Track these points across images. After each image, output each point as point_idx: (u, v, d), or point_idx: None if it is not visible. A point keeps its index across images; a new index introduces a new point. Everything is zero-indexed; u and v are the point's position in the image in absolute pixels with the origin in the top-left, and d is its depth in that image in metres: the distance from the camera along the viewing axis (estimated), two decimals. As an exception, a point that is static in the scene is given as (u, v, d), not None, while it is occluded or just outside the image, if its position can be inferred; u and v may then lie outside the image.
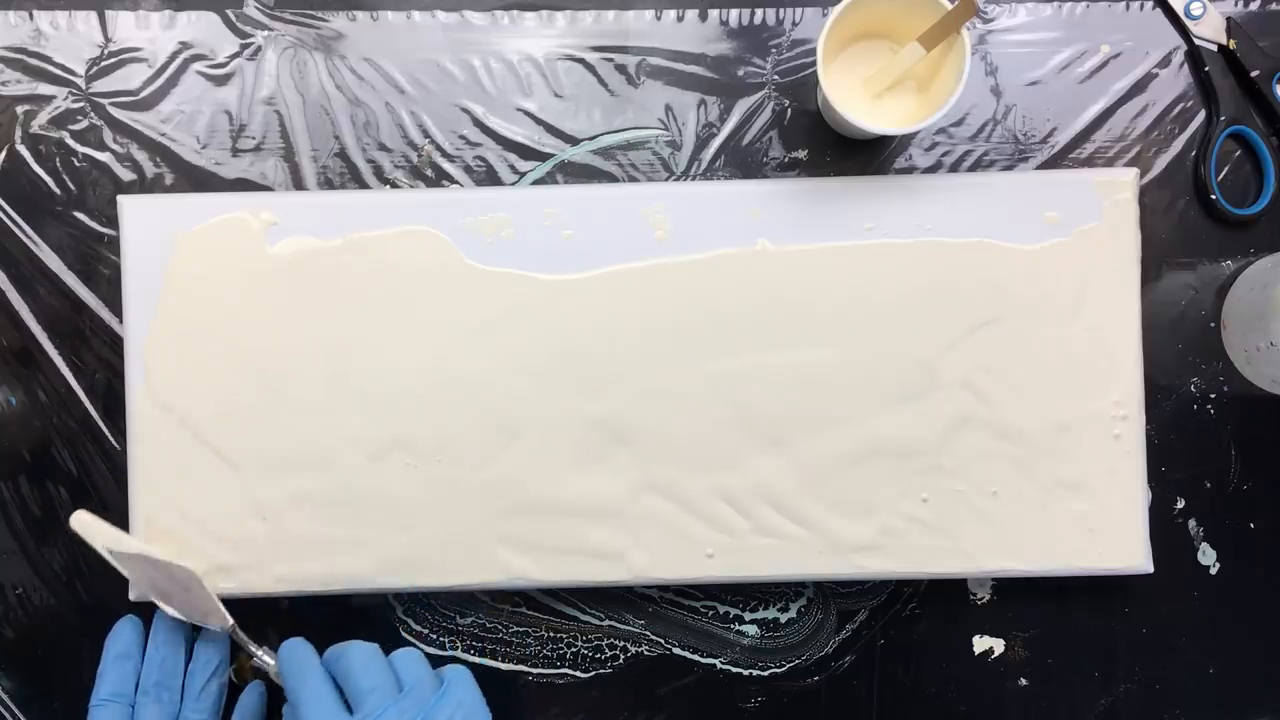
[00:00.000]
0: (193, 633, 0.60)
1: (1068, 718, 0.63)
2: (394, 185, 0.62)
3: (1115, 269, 0.60)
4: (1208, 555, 0.63)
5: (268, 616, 0.62)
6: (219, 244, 0.59)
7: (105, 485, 0.62)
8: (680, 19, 0.62)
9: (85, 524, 0.58)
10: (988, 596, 0.63)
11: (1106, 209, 0.59)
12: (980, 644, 0.63)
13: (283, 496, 0.59)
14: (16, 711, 0.62)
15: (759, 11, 0.62)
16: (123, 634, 0.59)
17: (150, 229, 0.59)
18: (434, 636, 0.62)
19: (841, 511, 0.59)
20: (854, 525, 0.59)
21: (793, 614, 0.63)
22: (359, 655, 0.55)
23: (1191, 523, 0.63)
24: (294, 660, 0.56)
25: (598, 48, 0.62)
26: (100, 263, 0.62)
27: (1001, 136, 0.62)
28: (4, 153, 0.62)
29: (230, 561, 0.59)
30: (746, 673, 0.63)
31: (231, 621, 0.58)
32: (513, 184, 0.62)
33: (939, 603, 0.63)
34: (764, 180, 0.61)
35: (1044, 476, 0.59)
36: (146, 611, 0.60)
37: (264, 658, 0.59)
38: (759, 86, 0.62)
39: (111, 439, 0.62)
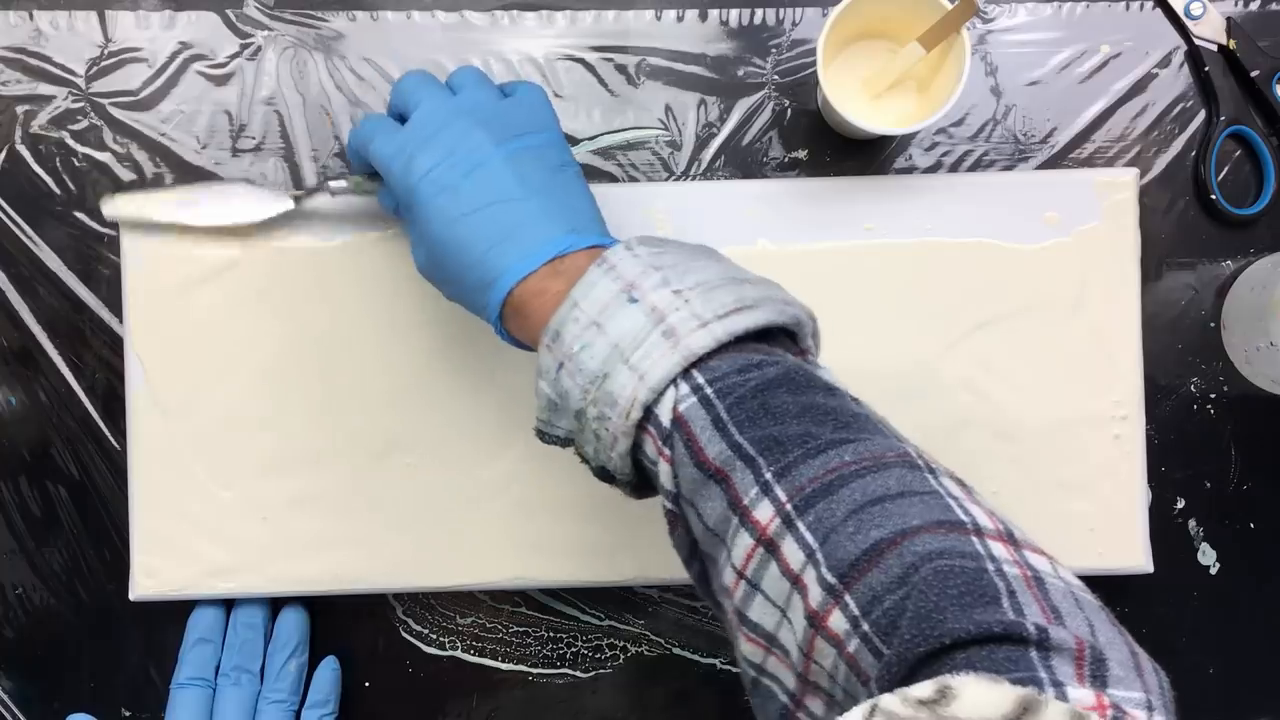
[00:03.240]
0: (271, 615, 0.60)
1: (1068, 718, 0.63)
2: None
3: (1115, 269, 0.59)
4: (1208, 555, 0.63)
5: (268, 616, 0.62)
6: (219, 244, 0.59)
7: (105, 485, 0.62)
8: (680, 19, 0.62)
9: (117, 206, 0.58)
10: (988, 596, 0.63)
11: (1106, 209, 0.59)
12: (980, 644, 0.63)
13: (283, 496, 0.59)
14: (16, 711, 0.62)
15: (759, 11, 0.62)
16: (203, 618, 0.59)
17: (150, 229, 0.59)
18: (434, 636, 0.62)
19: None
20: (854, 525, 0.59)
21: (793, 614, 0.63)
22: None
23: (1191, 523, 0.63)
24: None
25: (598, 48, 0.62)
26: (100, 263, 0.62)
27: (1001, 136, 0.62)
28: (4, 153, 0.62)
29: (230, 561, 0.59)
30: (746, 673, 0.63)
31: (298, 192, 0.58)
32: (513, 184, 0.62)
33: (939, 603, 0.62)
34: (764, 180, 0.61)
35: (1044, 476, 0.59)
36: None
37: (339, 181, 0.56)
38: (759, 86, 0.62)
39: (111, 439, 0.62)
